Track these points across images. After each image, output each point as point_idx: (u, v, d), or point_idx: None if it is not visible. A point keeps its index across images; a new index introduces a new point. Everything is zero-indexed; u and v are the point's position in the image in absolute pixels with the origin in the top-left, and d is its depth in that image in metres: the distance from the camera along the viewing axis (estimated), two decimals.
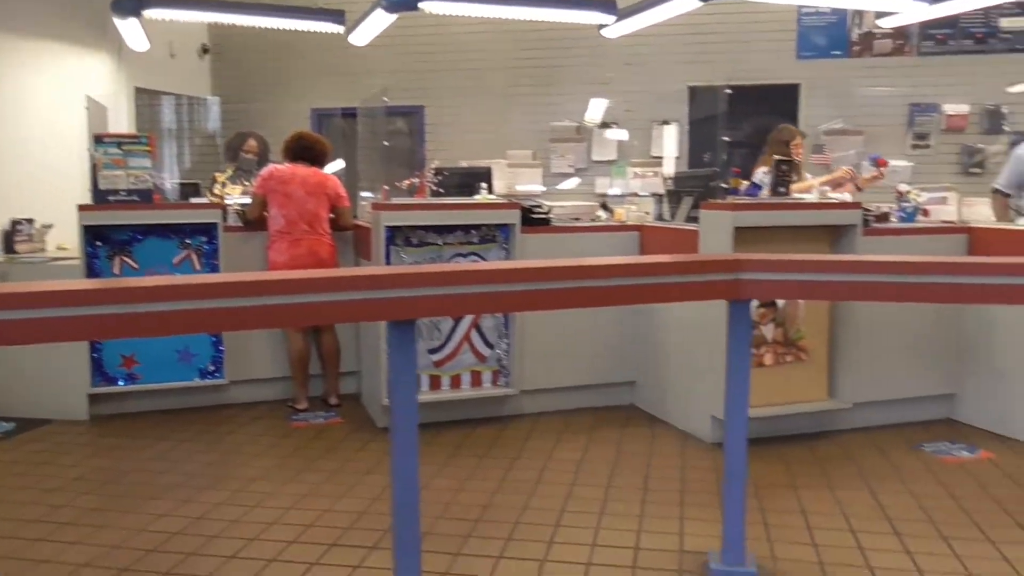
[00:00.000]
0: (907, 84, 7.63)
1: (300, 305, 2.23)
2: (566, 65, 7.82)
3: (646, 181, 6.09)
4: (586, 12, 5.45)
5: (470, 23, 6.16)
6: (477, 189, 4.79)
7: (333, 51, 7.77)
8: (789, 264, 2.80)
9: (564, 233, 4.90)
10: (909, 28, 7.50)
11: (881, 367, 4.49)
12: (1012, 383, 4.40)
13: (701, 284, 2.78)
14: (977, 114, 7.58)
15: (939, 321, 4.61)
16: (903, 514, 3.40)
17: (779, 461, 4.02)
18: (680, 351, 4.58)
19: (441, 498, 3.56)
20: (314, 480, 3.82)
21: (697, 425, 4.41)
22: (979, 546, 3.11)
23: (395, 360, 2.49)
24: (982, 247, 4.63)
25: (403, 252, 4.57)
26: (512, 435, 4.48)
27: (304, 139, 5.09)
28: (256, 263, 4.98)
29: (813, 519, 3.35)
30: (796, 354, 4.36)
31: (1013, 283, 2.71)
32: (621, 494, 3.63)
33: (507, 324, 4.73)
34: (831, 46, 7.78)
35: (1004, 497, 3.58)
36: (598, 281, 2.63)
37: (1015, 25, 7.51)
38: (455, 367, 4.68)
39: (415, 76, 7.93)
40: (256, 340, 5.06)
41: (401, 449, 2.50)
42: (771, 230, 4.21)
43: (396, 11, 5.23)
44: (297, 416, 4.84)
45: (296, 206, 4.89)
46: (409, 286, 2.39)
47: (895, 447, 4.25)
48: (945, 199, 5.69)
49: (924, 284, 2.72)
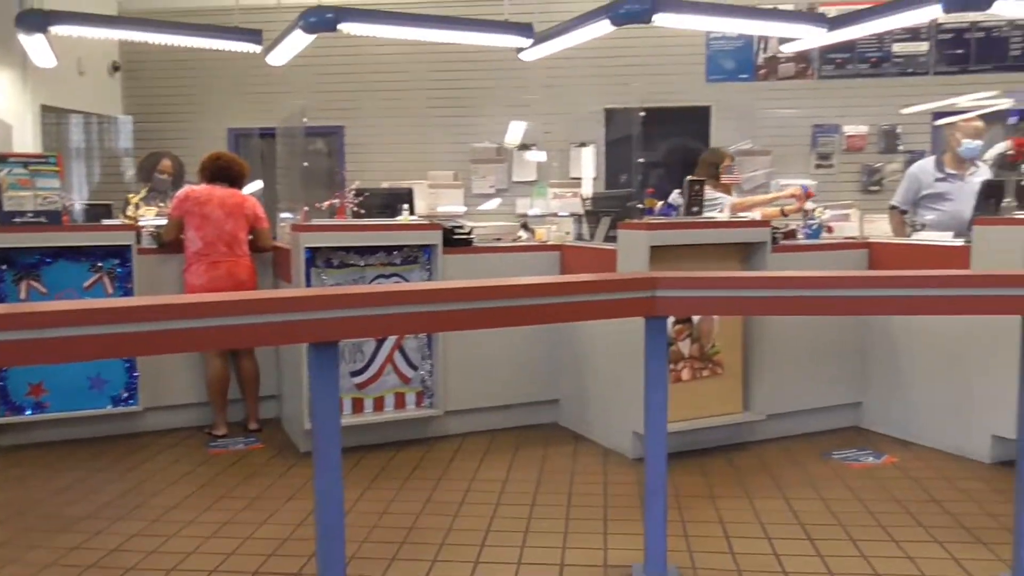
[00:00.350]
0: (810, 106, 7.98)
1: (220, 328, 2.21)
2: (485, 87, 7.91)
3: (565, 202, 6.20)
4: (504, 36, 5.53)
5: (389, 44, 6.17)
6: (399, 210, 4.80)
7: (250, 70, 7.68)
8: (703, 281, 2.90)
9: (486, 253, 4.94)
10: (810, 53, 7.85)
11: (792, 379, 4.67)
12: (912, 391, 4.63)
13: (619, 302, 2.86)
14: (875, 134, 7.98)
15: (844, 333, 4.82)
16: (815, 520, 3.53)
17: (698, 473, 4.13)
18: (601, 369, 4.66)
19: (366, 522, 3.53)
20: (235, 507, 3.74)
21: (619, 441, 4.49)
22: (885, 547, 3.26)
23: (317, 383, 2.48)
24: (881, 261, 4.87)
25: (324, 274, 4.54)
26: (436, 456, 4.48)
27: (221, 159, 5.02)
28: (172, 286, 4.87)
29: (731, 528, 3.45)
30: (712, 369, 4.50)
31: (910, 295, 2.88)
32: (546, 512, 3.67)
33: (430, 345, 4.74)
34: (738, 70, 8.08)
35: (907, 499, 3.76)
36: (521, 300, 2.68)
37: (906, 50, 7.95)
38: (378, 389, 4.66)
39: (334, 96, 7.89)
40: (172, 365, 4.93)
41: (324, 473, 2.49)
42: (685, 248, 4.35)
43: (315, 31, 5.21)
44: (215, 443, 4.73)
45: (214, 228, 4.81)
46: (331, 307, 2.39)
47: (807, 456, 4.41)
48: (847, 216, 5.96)
49: (830, 298, 2.86)
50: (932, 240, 4.81)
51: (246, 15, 5.91)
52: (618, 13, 4.94)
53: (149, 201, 5.58)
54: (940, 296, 2.91)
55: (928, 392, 4.54)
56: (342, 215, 4.65)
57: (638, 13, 4.90)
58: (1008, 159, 4.97)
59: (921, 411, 4.58)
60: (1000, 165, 5.38)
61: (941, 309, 3.12)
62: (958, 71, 7.91)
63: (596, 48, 6.24)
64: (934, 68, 7.96)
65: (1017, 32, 7.82)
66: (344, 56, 7.77)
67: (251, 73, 7.78)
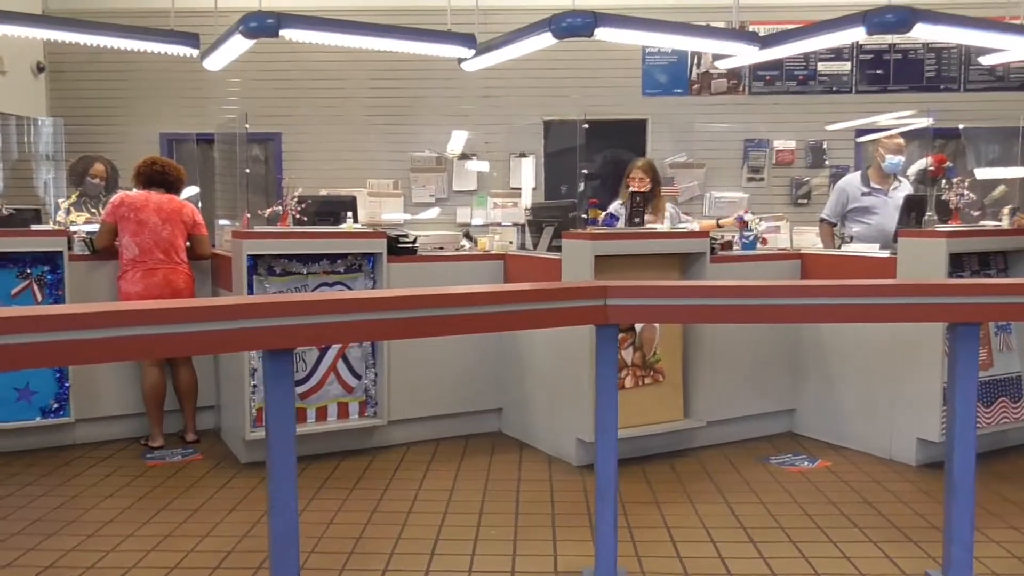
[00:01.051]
0: (741, 121, 8.20)
1: (177, 335, 2.17)
2: (424, 96, 7.90)
3: (506, 211, 6.24)
4: (447, 46, 5.55)
5: (327, 51, 6.11)
6: (342, 218, 4.76)
7: (184, 74, 7.51)
8: (653, 290, 2.97)
9: (430, 262, 4.94)
10: (741, 70, 8.09)
11: (730, 387, 4.79)
12: (843, 397, 4.80)
13: (572, 310, 2.90)
14: (802, 149, 8.24)
15: (779, 342, 4.97)
16: (756, 523, 3.64)
17: (643, 479, 4.21)
18: (545, 377, 4.70)
19: (312, 532, 3.49)
20: (175, 520, 3.65)
21: (563, 448, 4.54)
22: (824, 548, 3.37)
23: (272, 390, 2.45)
24: (814, 271, 5.05)
25: (266, 282, 4.48)
26: (381, 466, 4.45)
27: (157, 164, 4.90)
28: (105, 294, 4.73)
29: (677, 533, 3.53)
30: (654, 376, 4.59)
31: (841, 303, 3.00)
32: (494, 520, 3.69)
33: (375, 353, 4.71)
34: (673, 84, 8.27)
35: (841, 502, 3.90)
36: (475, 308, 2.70)
37: (831, 69, 8.25)
38: (321, 399, 4.61)
39: (271, 103, 7.77)
40: (105, 375, 4.79)
41: (279, 482, 2.46)
42: (627, 258, 4.43)
43: (255, 37, 5.13)
44: (152, 454, 4.61)
45: (150, 234, 4.69)
46: (288, 314, 2.37)
47: (746, 461, 4.53)
48: (779, 228, 6.16)
49: (771, 306, 2.96)
50: (860, 251, 5.01)
51: (183, 18, 5.78)
52: (560, 26, 5.01)
53: (80, 206, 5.41)
54: (870, 304, 3.03)
55: (857, 398, 4.72)
56: (285, 223, 4.59)
57: (580, 27, 4.98)
58: (929, 175, 5.20)
59: (851, 417, 4.76)
60: (921, 180, 5.63)
61: (871, 317, 3.26)
62: (878, 90, 8.25)
63: (534, 60, 6.30)
64: (856, 87, 8.28)
65: (931, 55, 8.21)
66: (282, 62, 7.67)
67: (185, 77, 7.62)
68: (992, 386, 4.58)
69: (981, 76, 8.17)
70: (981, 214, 5.09)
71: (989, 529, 3.49)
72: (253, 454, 4.43)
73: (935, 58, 8.22)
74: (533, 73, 7.68)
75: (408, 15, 6.51)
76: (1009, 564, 3.21)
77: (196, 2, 6.03)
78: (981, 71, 8.08)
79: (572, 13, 4.95)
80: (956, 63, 8.20)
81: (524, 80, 7.77)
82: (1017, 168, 5.93)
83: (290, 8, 5.17)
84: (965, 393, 2.96)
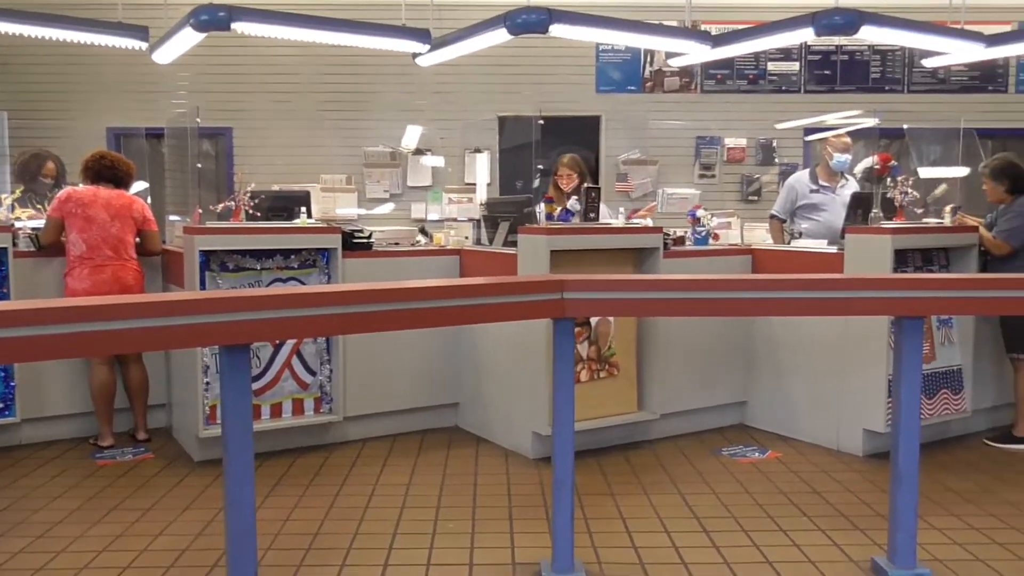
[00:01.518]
0: (693, 119, 8.32)
1: (136, 330, 2.14)
2: (378, 91, 7.85)
3: (461, 206, 6.24)
4: (402, 41, 5.53)
5: (279, 45, 6.04)
6: (296, 213, 4.72)
7: (132, 67, 7.36)
8: (610, 284, 3.01)
9: (386, 257, 4.93)
10: (693, 68, 8.20)
11: (683, 380, 4.87)
12: (792, 390, 4.91)
13: (530, 304, 2.93)
14: (753, 147, 8.40)
15: (730, 335, 5.06)
16: (709, 513, 3.71)
17: (598, 471, 4.26)
18: (500, 371, 4.73)
19: (269, 529, 3.46)
20: (127, 520, 3.60)
21: (519, 442, 4.57)
22: (774, 536, 3.45)
23: (229, 386, 2.44)
24: (764, 266, 5.16)
25: (219, 278, 4.42)
26: (337, 462, 4.43)
27: (106, 159, 4.80)
28: (52, 292, 4.63)
29: (632, 523, 3.58)
30: (609, 370, 4.64)
31: (791, 297, 3.08)
32: (451, 514, 3.70)
33: (329, 349, 4.68)
34: (626, 82, 8.35)
35: (791, 491, 4.00)
36: (434, 302, 2.71)
37: (780, 69, 8.42)
38: (276, 395, 4.57)
39: (221, 97, 7.65)
40: (52, 374, 4.69)
41: (236, 479, 2.44)
42: (582, 253, 4.48)
43: (206, 30, 5.05)
44: (102, 454, 4.52)
45: (99, 230, 4.60)
46: (246, 309, 2.36)
47: (698, 452, 4.61)
48: (730, 224, 6.26)
49: (724, 300, 3.02)
50: (809, 247, 5.12)
51: (130, 11, 5.66)
52: (515, 23, 5.03)
53: (24, 202, 5.27)
54: (819, 298, 3.12)
55: (806, 391, 4.83)
56: (237, 218, 4.54)
57: (535, 23, 5.01)
58: (875, 173, 5.35)
59: (800, 409, 4.87)
60: (867, 178, 5.78)
61: (820, 310, 3.35)
62: (826, 90, 8.44)
63: (487, 56, 6.32)
64: (805, 87, 8.46)
65: (876, 57, 8.42)
66: (233, 56, 7.56)
67: (133, 70, 7.47)
68: (934, 379, 4.73)
69: (924, 78, 8.41)
70: (924, 211, 5.24)
71: (931, 517, 3.61)
72: (206, 452, 4.37)
73: (880, 60, 8.44)
74: (487, 69, 7.69)
75: (362, 10, 6.45)
76: (951, 550, 3.33)
77: None
78: (924, 73, 8.31)
79: (527, 9, 4.98)
80: (900, 65, 8.42)
81: (478, 76, 7.78)
82: (958, 168, 6.12)
83: (242, 1, 5.10)
84: (910, 385, 3.06)
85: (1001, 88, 8.49)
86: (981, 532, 3.50)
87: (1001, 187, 4.94)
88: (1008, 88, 8.49)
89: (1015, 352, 4.82)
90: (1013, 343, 4.83)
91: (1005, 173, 4.95)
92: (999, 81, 8.48)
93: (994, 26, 6.81)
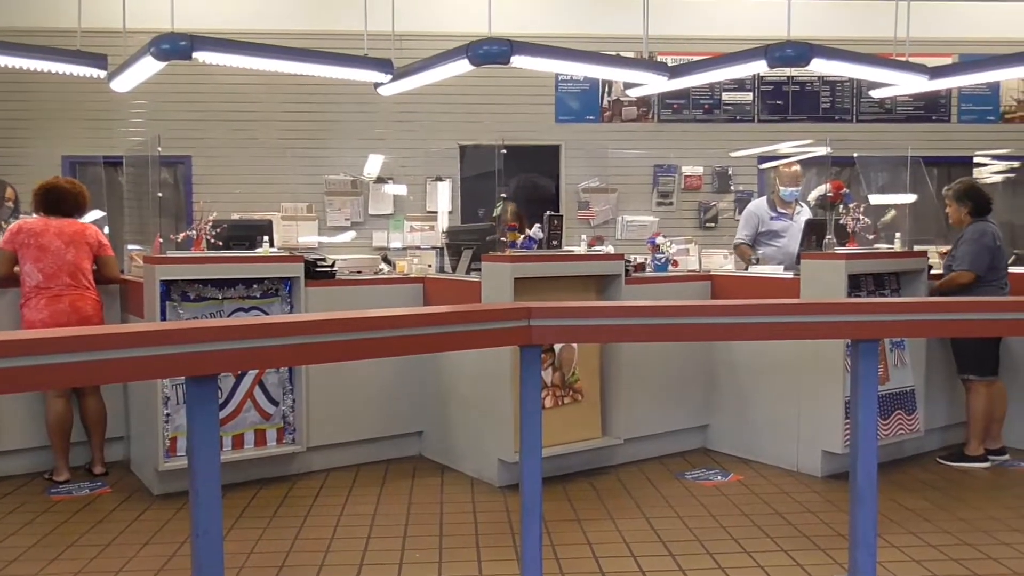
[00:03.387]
0: (651, 147, 8.47)
1: (99, 362, 2.12)
2: (339, 120, 7.86)
3: (424, 235, 6.27)
4: (365, 71, 5.57)
5: (239, 73, 6.03)
6: (258, 242, 4.71)
7: (88, 95, 7.29)
8: (575, 310, 3.04)
9: (349, 286, 4.92)
10: (650, 98, 8.36)
11: (646, 404, 4.92)
12: (752, 413, 4.99)
13: (496, 331, 2.94)
14: (709, 175, 8.57)
15: (692, 360, 5.14)
16: (675, 537, 3.74)
17: (563, 498, 4.27)
18: (465, 399, 4.73)
19: (233, 563, 3.41)
20: (85, 556, 3.52)
21: (485, 470, 4.57)
22: (739, 558, 3.50)
23: (196, 418, 2.41)
24: (723, 292, 5.25)
25: (180, 308, 4.38)
26: (301, 493, 4.39)
27: (55, 190, 4.70)
28: (6, 323, 4.53)
29: (599, 549, 3.60)
30: (573, 396, 4.67)
31: (751, 322, 3.14)
32: (418, 543, 3.69)
33: (292, 379, 4.65)
34: (585, 111, 8.48)
35: (754, 513, 4.06)
36: (401, 331, 2.72)
37: (735, 99, 8.62)
38: (237, 426, 4.52)
39: (180, 125, 7.59)
40: (5, 407, 4.58)
41: (204, 512, 2.40)
42: (546, 280, 4.52)
43: (167, 59, 5.02)
44: (57, 489, 4.42)
45: (54, 258, 4.53)
46: (213, 340, 2.34)
47: (662, 477, 4.66)
48: (688, 250, 6.38)
49: (687, 325, 3.07)
50: (766, 272, 5.24)
51: (89, 38, 5.62)
52: (477, 53, 5.09)
53: None
54: (778, 323, 3.19)
55: (766, 414, 4.91)
56: (199, 247, 4.51)
57: (497, 54, 5.08)
58: (828, 200, 5.49)
59: (761, 432, 4.95)
60: (821, 205, 5.93)
61: (779, 335, 3.41)
62: (779, 120, 8.66)
63: (449, 85, 6.37)
64: (759, 116, 8.67)
65: (826, 87, 8.67)
66: (192, 84, 7.52)
67: (90, 99, 7.39)
68: (889, 400, 4.84)
69: (871, 108, 8.67)
70: (875, 237, 5.39)
71: (890, 535, 3.69)
72: (167, 485, 4.30)
73: (830, 90, 8.69)
74: (448, 98, 7.75)
75: (324, 39, 6.48)
76: (909, 567, 3.40)
77: (104, 22, 5.89)
78: (871, 103, 8.57)
79: (489, 41, 5.05)
80: (849, 95, 8.68)
81: (439, 105, 7.84)
82: (905, 195, 6.31)
83: (203, 30, 5.10)
84: (867, 406, 3.12)
85: (944, 118, 8.78)
86: (937, 549, 3.59)
87: (964, 209, 5.01)
88: (951, 118, 8.79)
89: (966, 373, 4.96)
90: (964, 365, 4.96)
91: (968, 196, 5.02)
92: (942, 111, 8.77)
93: (937, 59, 7.08)
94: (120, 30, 5.72)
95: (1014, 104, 8.79)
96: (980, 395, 4.89)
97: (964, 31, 8.32)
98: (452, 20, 7.47)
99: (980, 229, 4.92)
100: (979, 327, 3.44)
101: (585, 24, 7.94)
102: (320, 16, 7.68)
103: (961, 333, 4.14)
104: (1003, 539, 3.70)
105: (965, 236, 4.95)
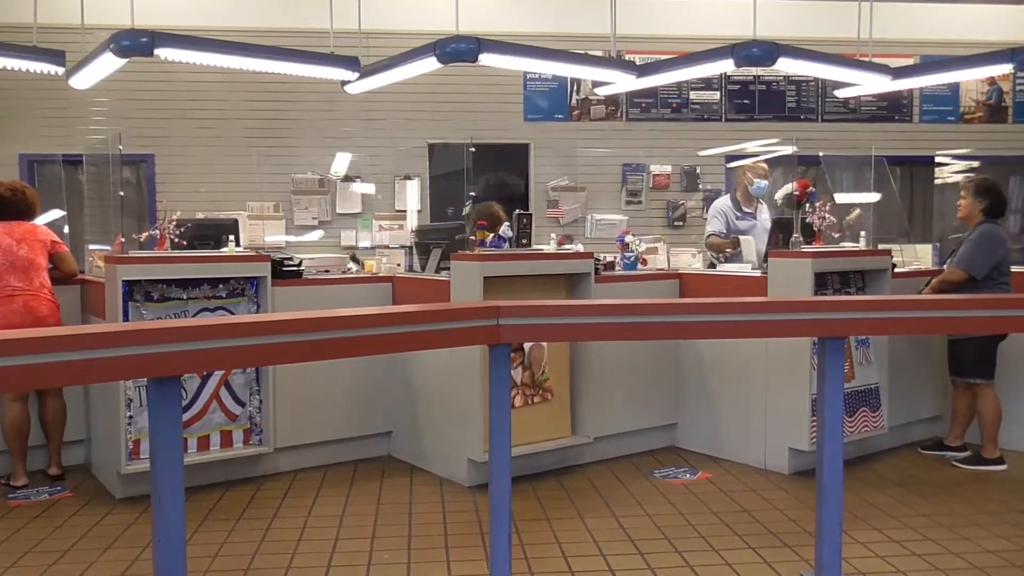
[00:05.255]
0: (619, 146, 8.49)
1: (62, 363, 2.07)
2: (306, 118, 7.78)
3: (393, 234, 6.22)
4: (331, 68, 5.51)
5: (202, 71, 5.93)
6: (224, 241, 4.64)
7: (46, 93, 7.13)
8: (544, 309, 3.03)
9: (317, 286, 4.87)
10: (619, 97, 8.39)
11: (615, 403, 4.93)
12: (720, 412, 5.02)
13: (464, 330, 2.93)
14: (677, 174, 8.61)
15: (661, 358, 5.16)
16: (643, 535, 3.75)
17: (533, 497, 4.26)
18: (434, 399, 4.71)
19: (198, 566, 3.36)
20: (44, 562, 3.45)
21: (454, 470, 4.55)
22: (707, 556, 3.51)
23: (158, 419, 2.36)
24: (691, 290, 5.28)
25: (143, 308, 4.31)
26: (268, 495, 4.34)
27: (6, 190, 4.59)
28: None
29: (568, 548, 3.59)
30: (542, 395, 4.67)
31: (719, 320, 3.15)
32: (387, 544, 3.66)
33: (259, 379, 4.59)
34: (554, 110, 8.48)
35: (722, 511, 4.08)
36: (369, 330, 2.69)
37: (702, 98, 8.68)
38: (203, 427, 4.46)
39: (142, 123, 7.45)
40: None
41: (167, 517, 2.36)
42: (515, 279, 4.51)
43: (127, 56, 4.92)
44: (15, 494, 4.33)
45: (3, 258, 4.42)
46: (176, 340, 2.30)
47: (631, 475, 4.67)
48: (657, 249, 6.40)
49: (657, 323, 3.08)
50: (733, 271, 5.27)
51: (46, 34, 5.50)
52: (445, 51, 5.06)
53: None
54: (746, 321, 3.21)
55: (733, 412, 4.94)
56: (162, 247, 4.43)
57: (465, 52, 5.05)
58: (794, 199, 5.53)
59: (728, 430, 4.98)
60: (787, 204, 5.98)
61: (747, 333, 3.43)
62: (745, 119, 8.72)
63: (416, 84, 6.33)
64: (726, 115, 8.73)
65: (792, 87, 8.75)
66: (154, 82, 7.40)
67: (48, 96, 7.23)
68: (854, 397, 4.90)
69: (836, 108, 8.77)
70: (841, 236, 5.44)
71: (855, 531, 3.73)
72: (129, 488, 4.23)
73: (795, 90, 8.77)
74: (415, 97, 7.70)
75: (290, 37, 6.40)
76: (874, 563, 3.44)
77: (61, 18, 5.77)
78: (836, 103, 8.67)
79: (456, 39, 5.02)
80: (814, 95, 8.77)
81: (407, 104, 7.79)
82: (870, 194, 6.39)
83: (165, 26, 5.01)
84: (833, 403, 3.15)
85: (907, 118, 8.91)
86: (901, 544, 3.63)
87: (979, 205, 4.89)
88: (913, 118, 8.92)
89: (969, 377, 4.87)
90: (966, 368, 4.87)
91: (987, 194, 4.89)
92: (904, 111, 8.90)
93: (899, 59, 7.18)
94: (79, 26, 5.61)
95: (973, 105, 8.95)
96: (989, 397, 4.85)
97: (925, 33, 8.45)
98: (420, 18, 7.42)
99: (989, 232, 4.85)
100: (942, 325, 3.49)
101: (553, 23, 7.93)
102: (286, 14, 7.59)
103: (926, 331, 4.20)
104: (964, 534, 3.75)
105: (972, 236, 4.89)
